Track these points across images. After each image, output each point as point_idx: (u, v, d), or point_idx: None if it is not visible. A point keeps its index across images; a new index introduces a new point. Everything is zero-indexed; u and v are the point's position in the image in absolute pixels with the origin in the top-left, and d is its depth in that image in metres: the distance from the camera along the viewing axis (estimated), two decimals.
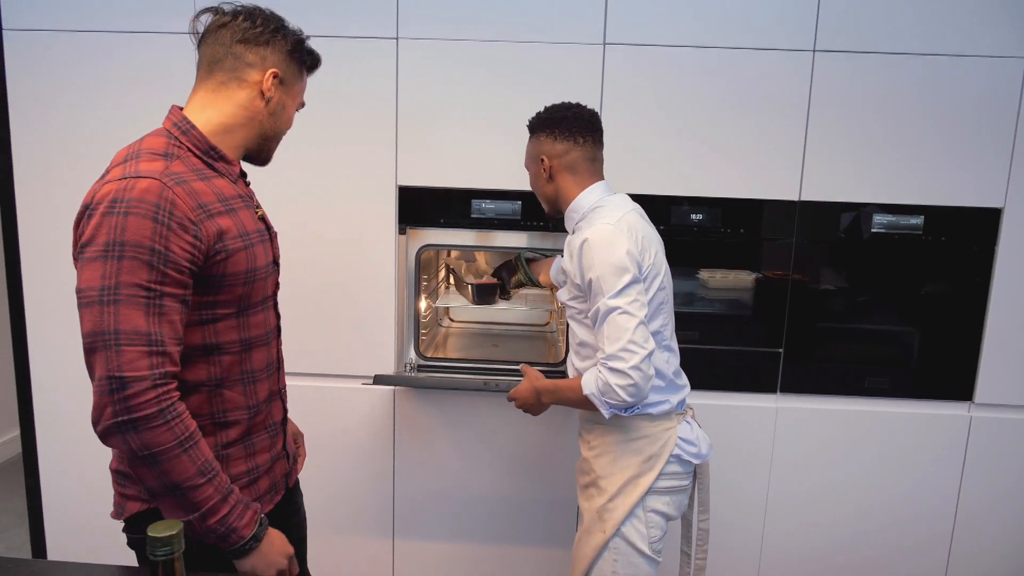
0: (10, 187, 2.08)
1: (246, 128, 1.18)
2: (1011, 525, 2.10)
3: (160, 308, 1.00)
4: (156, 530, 0.66)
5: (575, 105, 1.57)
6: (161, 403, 0.99)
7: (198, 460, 1.02)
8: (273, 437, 1.26)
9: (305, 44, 1.23)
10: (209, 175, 1.12)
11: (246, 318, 1.16)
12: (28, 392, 2.21)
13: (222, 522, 1.04)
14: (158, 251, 0.99)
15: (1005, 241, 1.98)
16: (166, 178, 1.03)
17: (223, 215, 1.10)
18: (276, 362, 1.28)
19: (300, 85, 1.25)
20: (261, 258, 1.17)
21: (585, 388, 1.42)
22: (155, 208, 1.00)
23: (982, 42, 1.89)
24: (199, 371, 1.12)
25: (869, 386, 2.08)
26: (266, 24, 1.18)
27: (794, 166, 1.97)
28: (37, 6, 1.99)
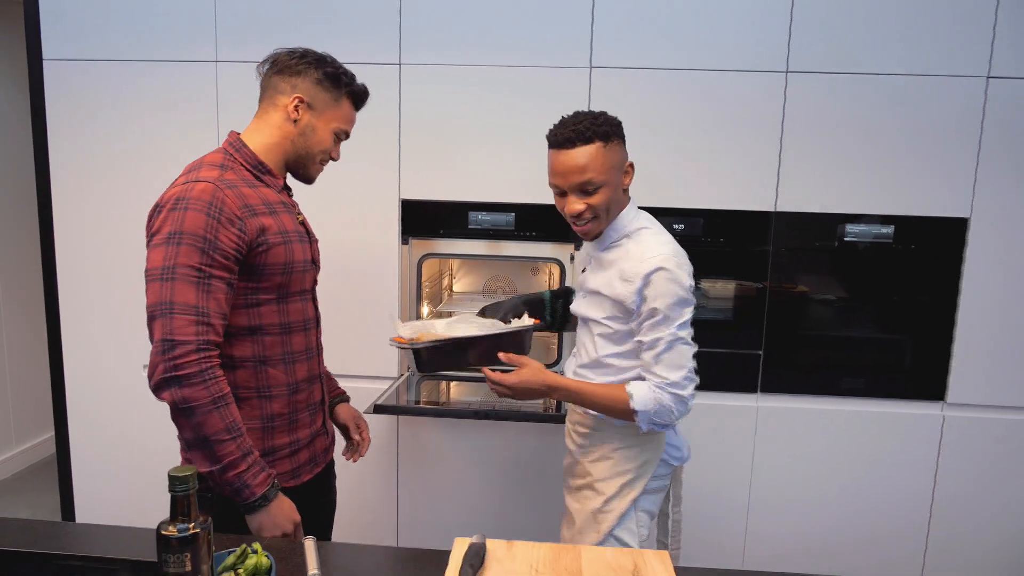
0: (48, 202, 2.27)
1: (281, 147, 1.39)
2: (984, 517, 2.19)
3: (208, 287, 1.21)
4: (175, 471, 0.82)
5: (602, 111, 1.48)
6: (201, 364, 1.19)
7: (227, 419, 1.21)
8: (313, 415, 1.46)
9: (342, 76, 1.40)
10: (256, 184, 1.34)
11: (285, 305, 1.37)
12: (62, 396, 2.39)
13: (239, 477, 1.21)
14: (209, 240, 1.21)
15: (972, 249, 2.09)
16: (219, 183, 1.26)
17: (266, 215, 1.31)
18: (315, 349, 1.47)
19: (335, 112, 1.40)
20: (298, 254, 1.37)
21: (638, 404, 1.41)
22: (208, 205, 1.22)
23: (946, 62, 2.02)
24: (245, 348, 1.33)
25: (846, 387, 2.20)
26: (301, 57, 1.37)
27: (769, 179, 2.10)
28: (73, 38, 2.19)
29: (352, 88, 1.42)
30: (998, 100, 2.02)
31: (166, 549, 0.81)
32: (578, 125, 1.40)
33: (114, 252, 2.27)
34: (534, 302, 1.73)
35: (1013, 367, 2.12)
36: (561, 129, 1.42)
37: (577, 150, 1.40)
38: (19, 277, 3.29)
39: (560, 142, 1.41)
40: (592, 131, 1.40)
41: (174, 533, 0.81)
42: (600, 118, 1.42)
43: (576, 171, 1.40)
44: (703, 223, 2.13)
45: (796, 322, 2.18)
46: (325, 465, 1.54)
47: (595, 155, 1.40)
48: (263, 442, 1.36)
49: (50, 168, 2.26)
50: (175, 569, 0.80)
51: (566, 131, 1.40)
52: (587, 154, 1.40)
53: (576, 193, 1.43)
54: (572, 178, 1.41)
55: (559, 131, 1.42)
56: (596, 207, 1.43)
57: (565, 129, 1.41)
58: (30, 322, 3.31)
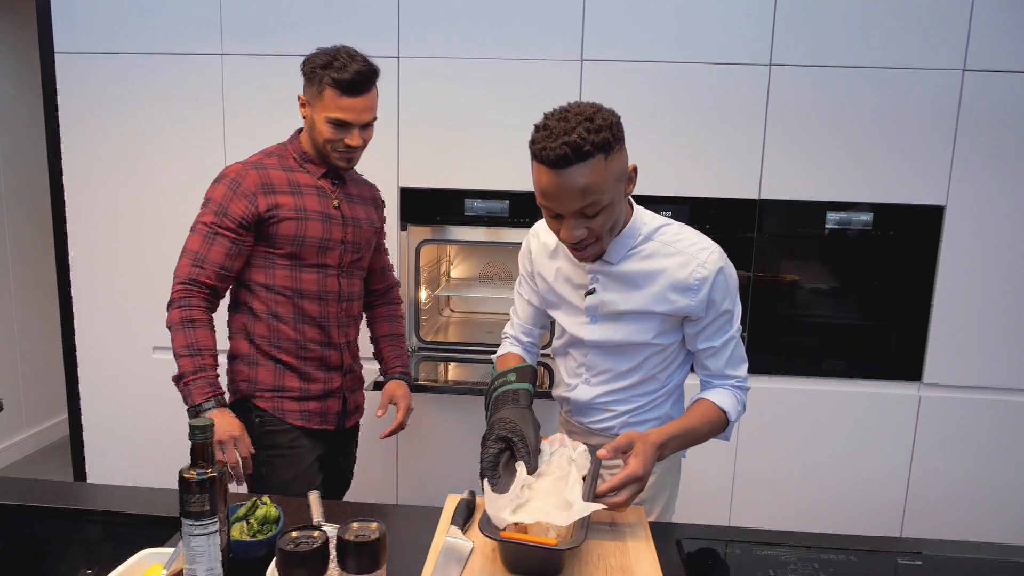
0: (60, 191, 2.36)
1: (311, 140, 1.60)
2: (958, 491, 2.29)
3: (212, 240, 1.51)
4: (195, 422, 0.92)
5: (593, 103, 1.20)
6: (183, 293, 1.50)
7: (189, 338, 1.48)
8: (328, 375, 1.66)
9: (316, 69, 1.52)
10: (295, 168, 1.60)
11: (299, 273, 1.59)
12: (75, 379, 2.48)
13: (186, 387, 1.47)
14: (223, 206, 1.52)
15: (948, 236, 2.18)
16: (251, 164, 1.57)
17: (286, 195, 1.56)
18: (332, 319, 1.64)
19: (321, 103, 1.53)
20: (315, 231, 1.57)
21: (733, 416, 1.32)
22: (232, 180, 1.54)
23: (924, 55, 2.10)
24: (260, 302, 1.59)
25: (827, 368, 2.29)
26: (305, 58, 1.56)
27: (754, 168, 2.19)
28: (84, 32, 2.28)
29: (330, 76, 1.50)
30: (973, 92, 2.10)
31: (187, 491, 0.90)
32: (571, 136, 1.09)
33: (124, 238, 2.36)
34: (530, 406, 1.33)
35: (986, 349, 2.21)
36: (551, 142, 1.11)
37: (573, 169, 1.11)
38: (31, 264, 3.39)
39: (552, 160, 1.11)
40: (590, 143, 1.10)
41: (194, 477, 0.90)
42: (596, 120, 1.12)
43: (575, 195, 1.13)
44: (689, 210, 2.22)
45: (779, 306, 2.27)
46: (338, 428, 1.71)
47: (596, 172, 1.12)
48: (274, 378, 1.61)
49: (62, 158, 2.35)
50: (196, 508, 0.90)
51: (557, 146, 1.10)
52: (587, 173, 1.11)
53: (575, 218, 1.17)
54: (570, 203, 1.14)
55: (549, 144, 1.11)
56: (600, 230, 1.19)
57: (556, 142, 1.10)
58: (41, 307, 3.41)
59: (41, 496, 1.28)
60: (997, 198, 2.14)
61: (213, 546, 0.92)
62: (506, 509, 1.06)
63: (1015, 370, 2.22)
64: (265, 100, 2.25)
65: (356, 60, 1.53)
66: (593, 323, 1.33)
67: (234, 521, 1.10)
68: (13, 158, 3.31)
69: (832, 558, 1.19)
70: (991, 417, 2.24)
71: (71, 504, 1.27)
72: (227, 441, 1.46)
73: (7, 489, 1.30)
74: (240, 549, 1.05)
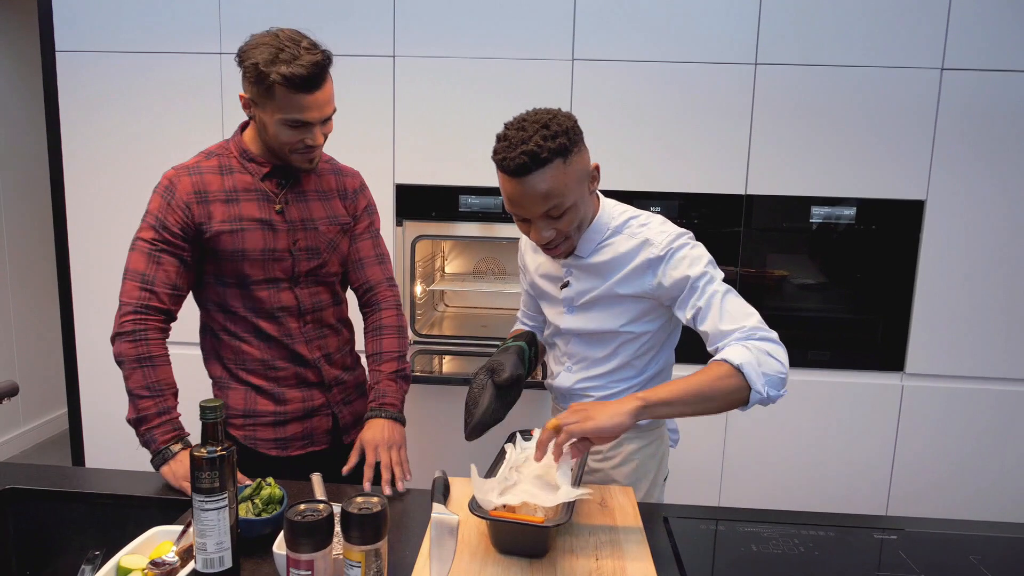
0: (60, 186, 2.40)
1: (260, 138, 1.41)
2: (940, 477, 2.35)
3: (158, 259, 1.36)
4: (206, 403, 0.96)
5: (549, 109, 1.25)
6: (136, 324, 1.33)
7: (149, 378, 1.33)
8: (306, 392, 1.48)
9: (260, 67, 1.27)
10: (235, 169, 1.41)
11: (249, 291, 1.41)
12: (75, 373, 2.52)
13: (147, 431, 1.31)
14: (160, 219, 1.36)
15: (928, 229, 2.24)
16: (182, 169, 1.40)
17: (220, 203, 1.38)
18: (297, 335, 1.45)
19: (272, 104, 1.30)
20: (254, 242, 1.38)
21: (737, 358, 1.15)
22: (165, 190, 1.38)
23: (904, 55, 2.16)
24: (218, 320, 1.44)
25: (812, 359, 2.35)
26: (240, 48, 1.34)
27: (740, 163, 2.25)
28: (85, 30, 2.31)
29: (279, 73, 1.27)
30: (951, 90, 2.17)
31: (198, 467, 0.95)
32: (528, 145, 1.16)
33: (124, 234, 2.37)
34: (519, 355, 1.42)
35: (966, 340, 2.28)
36: (510, 152, 1.17)
37: (534, 176, 1.17)
38: (29, 260, 3.42)
39: (512, 169, 1.18)
40: (547, 149, 1.16)
41: (204, 454, 0.95)
42: (552, 127, 1.18)
43: (538, 200, 1.20)
44: (678, 205, 2.27)
45: (765, 298, 2.33)
46: (335, 445, 1.53)
47: (556, 176, 1.18)
48: (245, 402, 1.45)
49: (62, 155, 2.39)
50: (207, 484, 0.95)
51: (516, 155, 1.16)
52: (547, 179, 1.18)
53: (541, 220, 1.24)
54: (534, 208, 1.22)
55: (508, 154, 1.18)
56: (567, 230, 1.27)
57: (514, 152, 1.17)
58: (39, 302, 3.44)
59: (51, 480, 1.33)
60: (975, 192, 2.21)
61: (223, 521, 0.97)
62: (493, 492, 1.11)
63: (994, 360, 2.29)
64: None
65: (305, 48, 1.30)
66: (570, 313, 1.40)
67: (240, 500, 1.14)
68: (13, 155, 3.34)
69: (812, 534, 1.25)
70: (971, 405, 2.30)
71: (80, 488, 1.31)
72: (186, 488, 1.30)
73: (18, 473, 1.35)
74: (247, 527, 1.10)
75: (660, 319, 1.37)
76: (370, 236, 1.59)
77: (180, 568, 0.99)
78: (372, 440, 1.40)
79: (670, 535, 1.21)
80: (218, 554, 0.97)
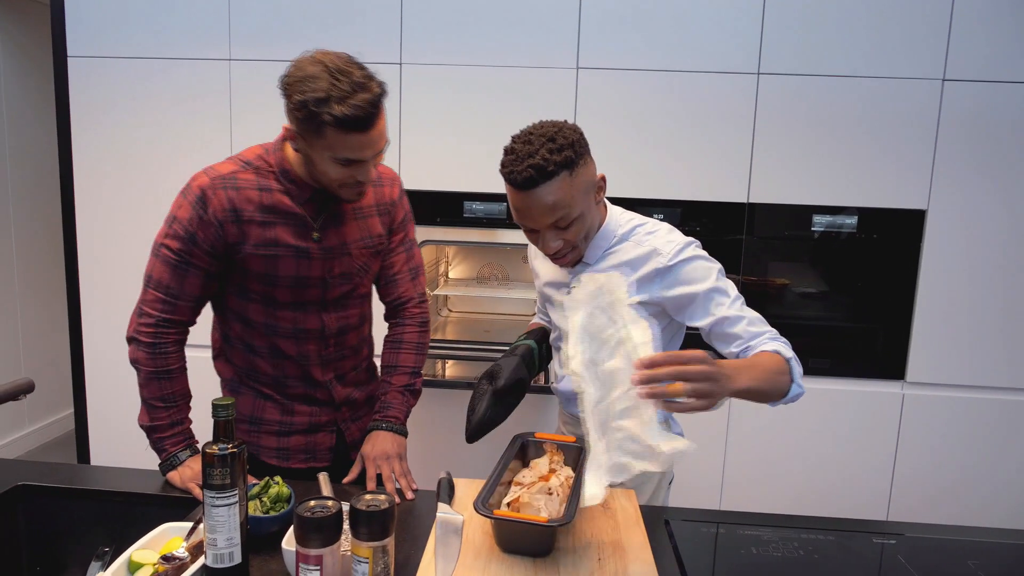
0: (70, 190, 2.43)
1: (300, 163, 1.32)
2: (941, 486, 2.36)
3: (184, 272, 1.31)
4: (217, 401, 0.98)
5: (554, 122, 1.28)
6: (157, 338, 1.32)
7: (165, 390, 1.33)
8: (314, 408, 1.46)
9: (311, 107, 1.17)
10: (273, 189, 1.32)
11: (274, 310, 1.37)
12: (82, 375, 2.54)
13: (159, 439, 1.34)
14: (190, 232, 1.29)
15: (929, 239, 2.26)
16: (217, 180, 1.30)
17: (255, 224, 1.31)
18: (314, 358, 1.42)
19: (322, 142, 1.21)
20: (287, 269, 1.33)
21: (786, 351, 1.24)
22: (198, 201, 1.29)
23: (906, 65, 2.19)
24: (235, 329, 1.42)
25: (813, 367, 2.36)
26: (286, 77, 1.23)
27: (743, 172, 2.27)
28: (96, 36, 2.35)
29: (331, 115, 1.17)
30: (952, 101, 2.19)
31: (210, 464, 0.97)
32: (535, 159, 1.19)
33: (132, 238, 2.42)
34: (529, 358, 1.48)
35: (967, 348, 2.29)
36: (517, 165, 1.20)
37: (541, 189, 1.20)
38: (38, 263, 3.45)
39: (520, 183, 1.21)
40: (553, 163, 1.19)
41: (216, 451, 0.97)
42: (558, 140, 1.21)
43: (545, 212, 1.23)
44: (680, 213, 2.29)
45: (766, 306, 2.35)
46: (338, 462, 1.51)
47: (563, 188, 1.21)
48: (253, 408, 1.44)
49: (72, 158, 2.41)
50: (218, 481, 0.97)
51: (523, 169, 1.19)
52: (554, 191, 1.21)
53: (549, 231, 1.27)
54: (542, 219, 1.24)
55: (515, 168, 1.21)
56: (575, 240, 1.29)
57: (521, 165, 1.20)
58: (46, 304, 3.47)
59: (60, 477, 1.35)
60: (976, 202, 2.23)
61: (233, 517, 0.99)
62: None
63: (995, 369, 2.30)
64: (271, 104, 2.31)
65: (358, 83, 1.19)
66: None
67: (249, 499, 1.16)
68: (24, 158, 3.37)
69: (812, 538, 1.27)
70: (972, 414, 2.32)
71: (89, 485, 1.33)
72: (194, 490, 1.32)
73: (28, 471, 1.37)
74: (255, 524, 1.11)
75: (665, 321, 1.39)
76: (404, 249, 1.55)
77: (190, 563, 1.01)
78: (372, 453, 1.40)
79: (671, 537, 1.23)
80: (228, 550, 0.99)
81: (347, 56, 1.23)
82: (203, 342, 1.52)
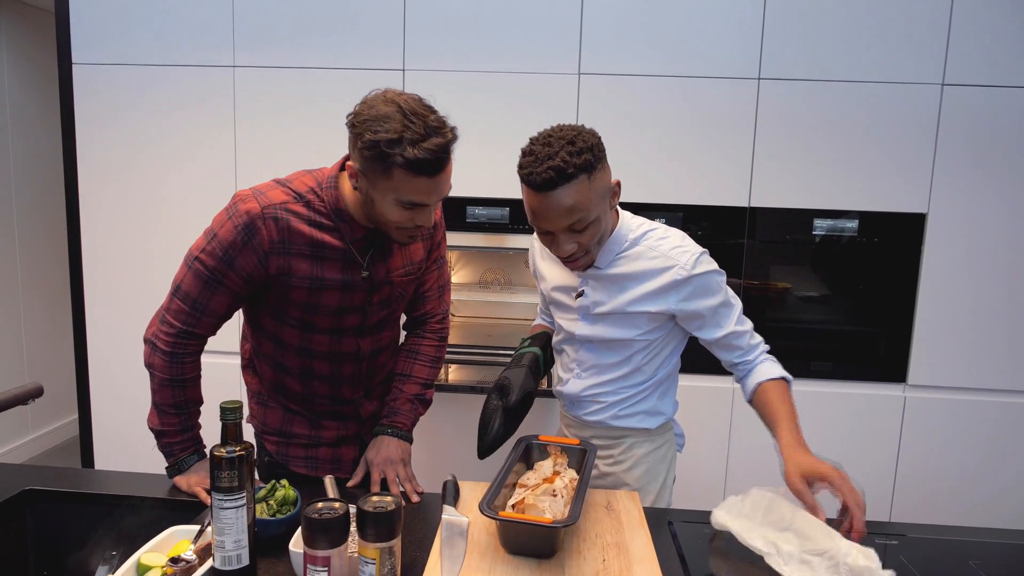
0: (75, 196, 2.44)
1: (357, 203, 1.29)
2: (943, 488, 2.37)
3: (214, 290, 1.29)
4: (226, 404, 0.99)
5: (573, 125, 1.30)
6: (175, 348, 1.31)
7: (178, 397, 1.33)
8: (340, 423, 1.49)
9: (383, 147, 1.15)
10: (325, 226, 1.29)
11: (309, 335, 1.38)
12: (86, 380, 2.55)
13: (168, 444, 1.35)
14: (230, 255, 1.26)
15: (929, 242, 2.27)
16: (269, 209, 1.26)
17: (302, 258, 1.29)
18: (344, 378, 1.44)
19: (387, 183, 1.19)
20: (329, 300, 1.33)
21: (788, 375, 1.47)
22: (245, 227, 1.25)
23: (906, 70, 2.20)
24: (267, 347, 1.42)
25: (815, 370, 2.37)
26: (357, 115, 1.20)
27: (744, 176, 2.28)
28: (101, 44, 2.36)
29: (404, 157, 1.15)
30: (952, 105, 2.20)
31: (218, 467, 0.98)
32: (555, 161, 1.20)
33: (136, 243, 2.44)
34: (535, 367, 1.49)
35: (968, 351, 2.30)
36: (537, 167, 1.21)
37: (560, 191, 1.21)
38: (41, 268, 3.46)
39: (539, 184, 1.21)
40: (573, 165, 1.20)
41: (224, 454, 0.98)
42: (577, 143, 1.22)
43: (563, 214, 1.24)
44: (682, 217, 2.31)
45: (768, 310, 2.36)
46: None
47: (581, 192, 1.22)
48: (282, 423, 1.47)
49: (77, 165, 2.43)
50: (226, 483, 0.97)
51: (543, 170, 1.20)
52: (572, 194, 1.22)
53: (564, 234, 1.28)
54: (558, 222, 1.25)
55: (535, 169, 1.21)
56: (589, 243, 1.30)
57: (541, 167, 1.21)
58: (50, 309, 3.48)
59: (67, 482, 1.35)
60: (976, 205, 2.24)
61: (241, 519, 0.99)
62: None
63: (997, 371, 2.31)
64: (274, 110, 2.35)
65: (432, 126, 1.17)
66: (584, 321, 1.43)
67: (255, 502, 1.17)
68: (29, 164, 3.39)
69: None
70: (973, 417, 2.32)
71: (96, 489, 1.34)
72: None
73: (35, 475, 1.38)
74: (262, 526, 1.12)
75: (671, 322, 1.41)
76: (437, 267, 1.54)
77: (198, 566, 1.02)
78: (377, 459, 1.41)
79: (675, 539, 1.23)
80: (236, 552, 1.00)
81: (418, 97, 1.22)
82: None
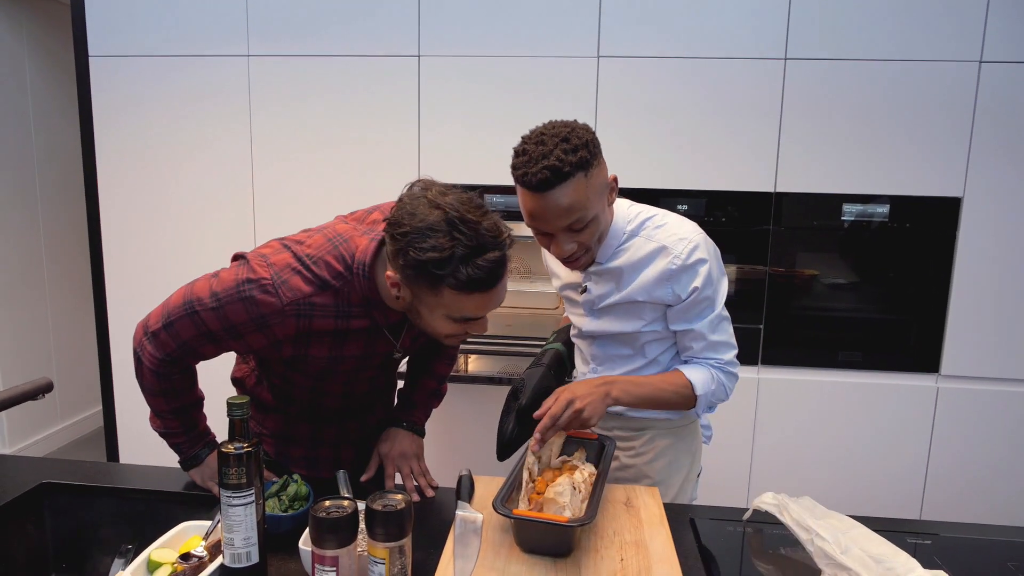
0: (94, 187, 2.45)
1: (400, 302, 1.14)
2: (977, 479, 2.30)
3: (204, 347, 1.18)
4: (233, 400, 0.97)
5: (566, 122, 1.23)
6: (162, 368, 1.20)
7: (172, 404, 1.26)
8: (342, 427, 1.43)
9: (431, 269, 1.01)
10: (354, 315, 1.16)
11: (321, 384, 1.30)
12: (109, 371, 2.57)
13: (175, 444, 1.32)
14: (239, 332, 1.14)
15: (965, 227, 2.19)
16: (290, 307, 1.11)
17: (323, 343, 1.17)
18: (354, 409, 1.40)
19: (435, 300, 1.06)
20: (348, 366, 1.24)
21: (699, 389, 1.31)
22: (260, 317, 1.12)
23: (940, 48, 2.11)
24: (275, 381, 1.34)
25: (844, 360, 2.31)
26: (396, 225, 1.05)
27: (769, 161, 2.21)
28: (117, 36, 2.36)
29: (456, 278, 1.02)
30: (990, 84, 2.11)
31: (225, 463, 0.96)
32: (550, 160, 1.13)
33: (156, 233, 2.44)
34: (558, 365, 1.44)
35: (1003, 341, 2.22)
36: (531, 167, 1.15)
37: (557, 191, 1.15)
38: (66, 259, 3.50)
39: (535, 185, 1.15)
40: (569, 163, 1.14)
41: (231, 451, 0.96)
42: (572, 140, 1.16)
43: (560, 214, 1.18)
44: (706, 203, 2.24)
45: (795, 298, 2.29)
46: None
47: (578, 190, 1.16)
48: (284, 428, 1.40)
49: (96, 156, 2.44)
50: (234, 480, 0.95)
51: (538, 170, 1.14)
52: (569, 193, 1.16)
53: (563, 234, 1.23)
54: (557, 222, 1.20)
55: (529, 169, 1.15)
56: (588, 242, 1.25)
57: (535, 167, 1.14)
58: (75, 300, 3.52)
59: (85, 475, 1.35)
60: (1015, 189, 2.15)
61: (250, 516, 0.97)
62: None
63: None
64: (289, 98, 2.33)
65: (487, 239, 1.03)
66: (590, 316, 1.40)
67: (267, 497, 1.15)
68: (51, 157, 3.42)
69: None
70: (1009, 408, 2.24)
71: (113, 483, 1.33)
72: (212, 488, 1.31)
73: (53, 469, 1.38)
74: (273, 523, 1.10)
75: None
76: None
77: (209, 562, 1.00)
78: (391, 453, 1.37)
79: (697, 536, 1.19)
80: (245, 549, 0.98)
81: (466, 196, 1.06)
82: None
